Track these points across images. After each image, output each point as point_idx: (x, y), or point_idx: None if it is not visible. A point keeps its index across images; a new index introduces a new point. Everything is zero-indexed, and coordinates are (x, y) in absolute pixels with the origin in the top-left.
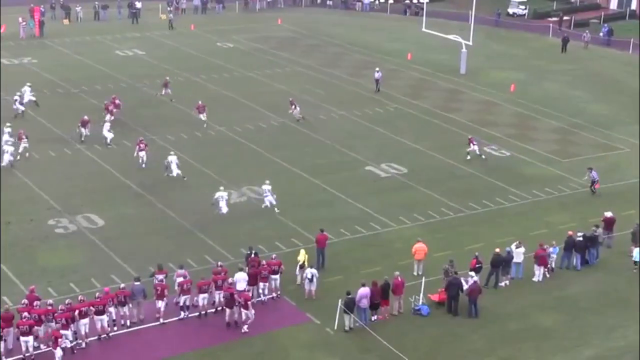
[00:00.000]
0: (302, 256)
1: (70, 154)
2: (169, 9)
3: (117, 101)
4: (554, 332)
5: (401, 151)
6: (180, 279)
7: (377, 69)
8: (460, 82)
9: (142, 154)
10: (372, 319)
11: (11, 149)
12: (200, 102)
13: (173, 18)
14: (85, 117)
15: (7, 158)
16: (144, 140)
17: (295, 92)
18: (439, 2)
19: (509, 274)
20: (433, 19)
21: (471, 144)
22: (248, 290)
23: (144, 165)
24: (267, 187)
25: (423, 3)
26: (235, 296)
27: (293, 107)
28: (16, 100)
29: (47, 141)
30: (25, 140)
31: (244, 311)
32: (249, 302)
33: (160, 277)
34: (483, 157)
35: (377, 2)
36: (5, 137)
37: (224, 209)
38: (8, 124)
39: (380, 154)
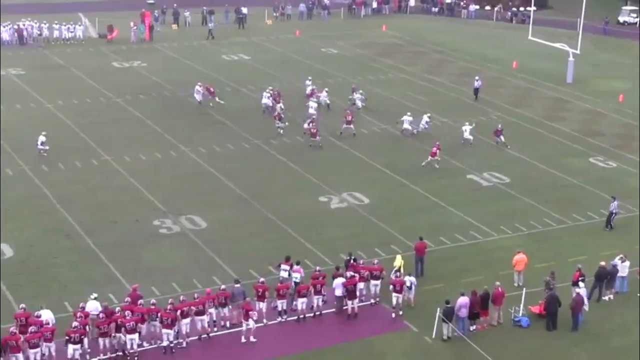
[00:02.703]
0: (398, 262)
1: (175, 155)
2: (205, 22)
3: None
4: None
5: (504, 160)
6: (297, 275)
7: (477, 77)
8: (566, 91)
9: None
10: (471, 329)
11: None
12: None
13: (213, 27)
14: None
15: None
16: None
17: (397, 98)
18: (546, 10)
19: (613, 287)
20: (540, 27)
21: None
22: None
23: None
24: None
25: (530, 11)
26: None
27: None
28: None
29: (153, 143)
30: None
31: (398, 296)
32: (404, 286)
33: (285, 267)
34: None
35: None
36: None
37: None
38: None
39: (483, 162)
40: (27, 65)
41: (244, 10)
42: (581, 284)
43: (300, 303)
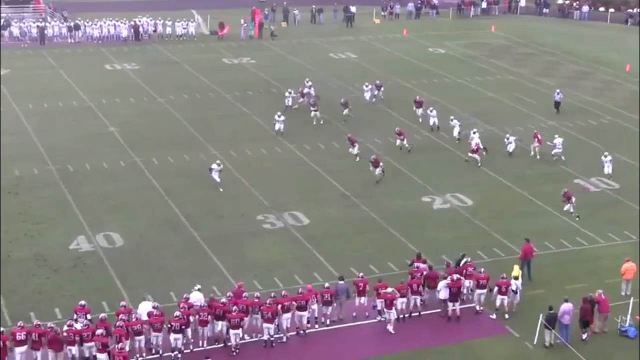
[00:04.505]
0: (517, 272)
1: (280, 152)
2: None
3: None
4: None
5: (615, 166)
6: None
7: (558, 90)
8: None
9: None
10: (583, 338)
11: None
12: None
13: (274, 29)
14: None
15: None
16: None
17: (505, 100)
18: None
19: None
20: None
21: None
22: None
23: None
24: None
25: None
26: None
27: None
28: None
29: (259, 139)
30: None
31: (503, 298)
32: (510, 288)
33: (418, 265)
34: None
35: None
36: None
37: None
38: None
39: (591, 167)
40: (141, 60)
41: (353, 9)
42: None
43: (400, 303)
